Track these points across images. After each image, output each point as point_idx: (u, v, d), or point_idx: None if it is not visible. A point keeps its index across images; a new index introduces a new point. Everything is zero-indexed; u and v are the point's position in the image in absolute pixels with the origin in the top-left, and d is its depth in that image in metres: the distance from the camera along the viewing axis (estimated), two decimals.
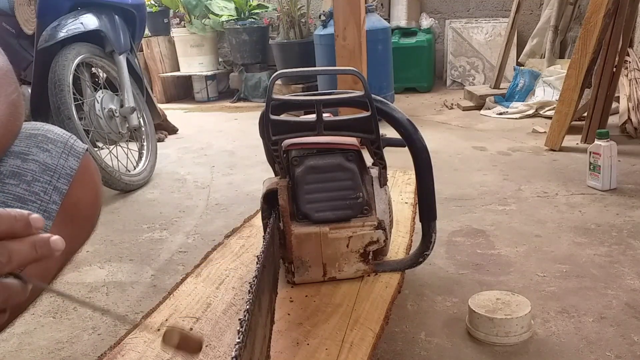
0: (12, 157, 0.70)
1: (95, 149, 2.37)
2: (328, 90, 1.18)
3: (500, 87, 3.89)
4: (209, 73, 4.72)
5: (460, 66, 4.59)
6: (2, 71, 0.73)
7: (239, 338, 0.59)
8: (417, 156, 1.07)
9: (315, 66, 3.56)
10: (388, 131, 1.11)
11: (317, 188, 1.06)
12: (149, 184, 2.52)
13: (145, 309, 1.15)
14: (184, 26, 4.69)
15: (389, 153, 1.10)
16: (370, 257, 1.10)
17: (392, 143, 1.15)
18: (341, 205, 1.07)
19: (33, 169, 0.70)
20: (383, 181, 1.11)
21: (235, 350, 0.57)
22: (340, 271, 1.09)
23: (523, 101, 3.55)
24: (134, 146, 2.58)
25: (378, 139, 1.05)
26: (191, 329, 0.94)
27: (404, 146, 1.08)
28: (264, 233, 1.02)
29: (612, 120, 2.83)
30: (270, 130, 1.02)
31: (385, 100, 1.06)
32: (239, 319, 0.63)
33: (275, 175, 1.15)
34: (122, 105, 2.42)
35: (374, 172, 1.11)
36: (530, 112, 3.40)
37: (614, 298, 1.31)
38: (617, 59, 2.58)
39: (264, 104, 1.00)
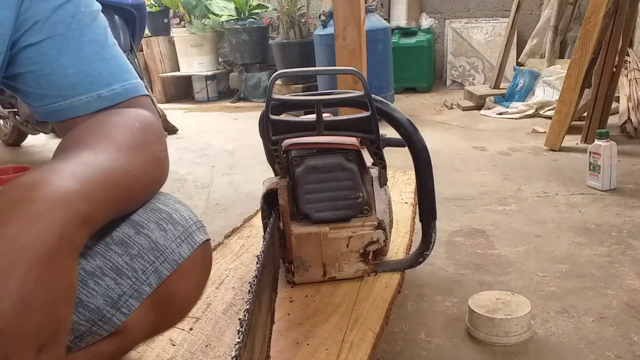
0: (128, 225, 0.66)
1: None
2: (328, 90, 1.18)
3: (500, 87, 3.89)
4: (209, 73, 4.72)
5: (460, 66, 4.59)
6: (152, 127, 0.71)
7: (239, 338, 0.59)
8: (417, 156, 1.07)
9: (315, 66, 3.56)
10: (388, 131, 1.11)
11: (317, 188, 1.06)
12: None
13: None
14: (184, 26, 4.69)
15: (389, 153, 1.10)
16: (370, 257, 1.10)
17: (392, 143, 1.15)
18: (341, 205, 1.07)
19: (142, 244, 0.66)
20: (383, 181, 1.11)
21: (235, 350, 0.57)
22: (340, 271, 1.09)
23: (523, 101, 3.55)
24: None
25: (378, 139, 1.05)
26: (191, 329, 0.94)
27: (404, 146, 1.08)
28: (264, 233, 1.02)
29: (612, 120, 2.82)
30: (270, 130, 1.02)
31: (385, 100, 1.06)
32: (239, 319, 0.63)
33: (275, 175, 1.15)
34: None
35: (374, 172, 1.11)
36: (530, 112, 3.40)
37: (614, 298, 1.31)
38: (617, 59, 2.58)
39: (264, 103, 1.00)
